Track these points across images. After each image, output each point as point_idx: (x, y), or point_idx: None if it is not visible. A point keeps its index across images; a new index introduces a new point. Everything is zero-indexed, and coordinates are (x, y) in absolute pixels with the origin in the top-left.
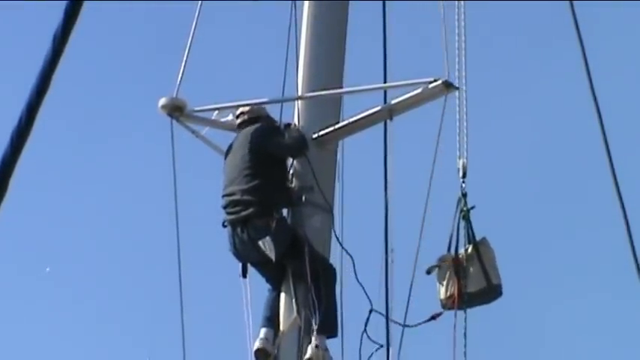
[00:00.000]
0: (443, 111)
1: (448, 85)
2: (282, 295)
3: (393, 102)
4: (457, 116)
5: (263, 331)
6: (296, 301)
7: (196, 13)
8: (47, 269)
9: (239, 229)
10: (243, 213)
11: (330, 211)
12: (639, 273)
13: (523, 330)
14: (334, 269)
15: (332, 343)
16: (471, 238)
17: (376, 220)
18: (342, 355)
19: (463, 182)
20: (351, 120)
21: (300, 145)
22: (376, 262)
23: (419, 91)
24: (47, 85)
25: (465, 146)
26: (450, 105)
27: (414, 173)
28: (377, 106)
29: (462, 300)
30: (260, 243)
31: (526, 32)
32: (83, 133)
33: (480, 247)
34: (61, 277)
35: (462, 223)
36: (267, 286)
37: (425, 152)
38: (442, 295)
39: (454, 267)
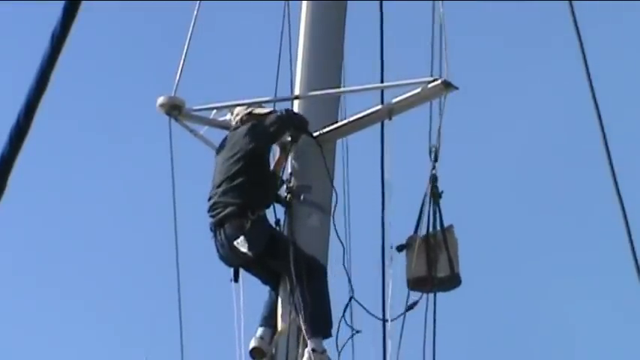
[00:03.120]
0: (443, 110)
1: (447, 85)
2: (279, 296)
3: (393, 101)
4: (432, 100)
5: (260, 330)
6: (292, 301)
7: (195, 12)
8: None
9: (218, 231)
10: (221, 214)
11: (327, 210)
12: (637, 269)
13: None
14: (324, 269)
15: (333, 342)
16: (438, 222)
17: (375, 218)
18: (338, 355)
19: (434, 166)
20: (350, 120)
21: (282, 119)
22: (375, 260)
23: (418, 90)
24: (45, 84)
25: (438, 129)
26: (455, 100)
27: (413, 172)
28: (375, 105)
29: (434, 284)
30: (235, 243)
31: (526, 32)
32: (81, 132)
33: (447, 234)
34: (58, 277)
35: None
36: (263, 287)
37: (424, 151)
38: (410, 276)
39: (425, 249)
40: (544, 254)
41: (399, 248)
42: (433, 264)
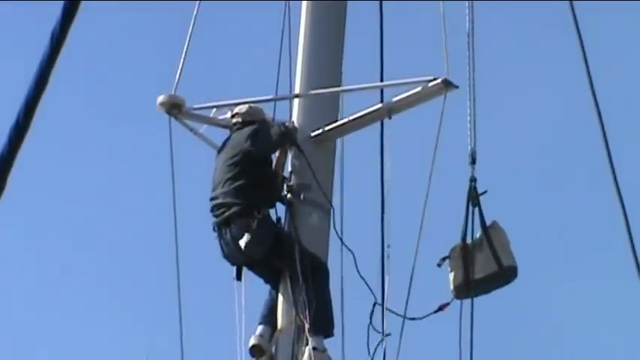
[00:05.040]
0: (442, 109)
1: (448, 84)
2: (280, 294)
3: (393, 100)
4: (467, 103)
5: (259, 329)
6: (293, 299)
7: (195, 11)
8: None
9: (223, 231)
10: (226, 214)
11: (328, 209)
12: (637, 268)
13: (532, 318)
14: (326, 267)
15: (333, 342)
16: (480, 223)
17: (375, 216)
18: (342, 354)
19: (473, 168)
20: (350, 118)
21: (285, 133)
22: (376, 258)
23: (418, 89)
24: (45, 83)
25: (474, 132)
26: (455, 99)
27: (414, 170)
28: (375, 104)
29: (470, 287)
30: (240, 242)
31: (525, 31)
32: (81, 131)
33: (489, 231)
34: (59, 275)
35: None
36: (263, 287)
37: (425, 150)
38: (451, 285)
39: (462, 255)
40: (554, 255)
41: (440, 263)
42: (470, 267)
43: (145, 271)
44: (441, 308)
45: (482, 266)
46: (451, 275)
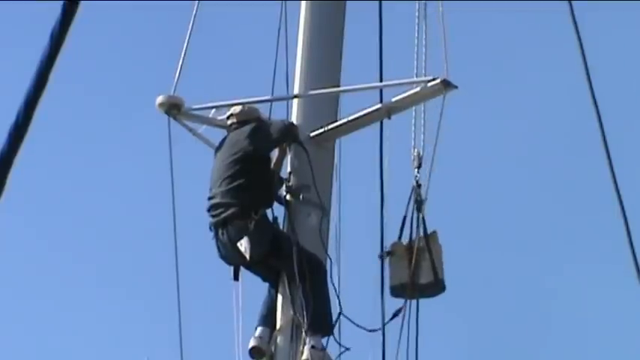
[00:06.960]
0: (442, 110)
1: (447, 84)
2: (279, 294)
3: (393, 100)
4: (414, 107)
5: (259, 330)
6: (292, 299)
7: (194, 11)
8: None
9: (220, 232)
10: (223, 215)
11: (327, 209)
12: (638, 272)
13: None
14: (324, 267)
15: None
16: (422, 229)
17: (373, 218)
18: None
19: (417, 173)
20: (350, 118)
21: (287, 129)
22: (372, 260)
23: (417, 89)
24: (45, 83)
25: (421, 136)
26: (454, 99)
27: (410, 170)
28: (374, 104)
29: (416, 290)
30: (238, 244)
31: (525, 31)
32: (81, 131)
33: (430, 240)
34: (58, 277)
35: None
36: (261, 287)
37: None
38: (393, 282)
39: (407, 256)
40: (543, 255)
41: (383, 256)
42: (415, 270)
43: (144, 272)
44: (396, 314)
45: (425, 273)
46: (393, 273)
